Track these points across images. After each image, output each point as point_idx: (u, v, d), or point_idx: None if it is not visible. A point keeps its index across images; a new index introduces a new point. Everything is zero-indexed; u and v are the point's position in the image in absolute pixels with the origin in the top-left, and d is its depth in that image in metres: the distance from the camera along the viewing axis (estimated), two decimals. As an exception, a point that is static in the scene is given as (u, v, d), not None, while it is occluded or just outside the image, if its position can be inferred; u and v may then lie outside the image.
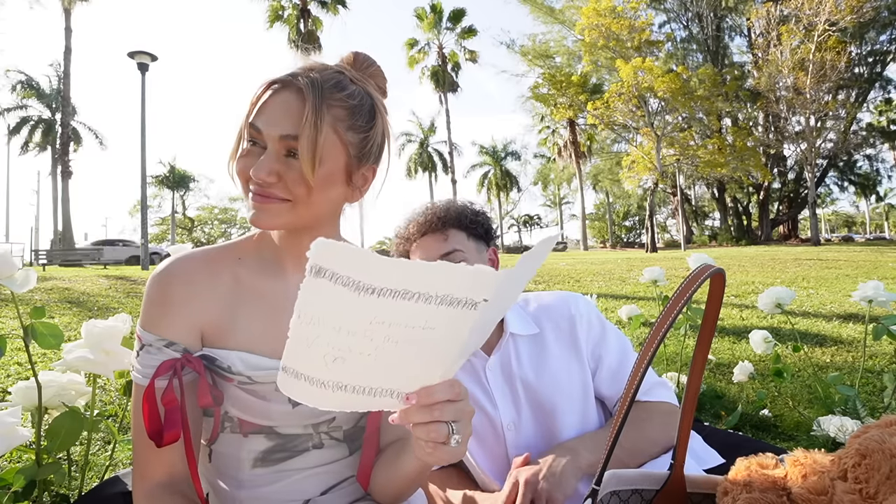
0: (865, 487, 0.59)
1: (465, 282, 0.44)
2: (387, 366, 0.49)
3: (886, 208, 56.85)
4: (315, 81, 0.68)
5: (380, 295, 0.43)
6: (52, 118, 26.87)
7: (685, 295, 0.69)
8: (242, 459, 0.80)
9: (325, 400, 0.51)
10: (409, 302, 0.44)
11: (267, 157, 0.67)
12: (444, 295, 0.44)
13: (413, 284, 0.43)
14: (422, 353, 0.49)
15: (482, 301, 0.45)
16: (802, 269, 9.37)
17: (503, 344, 1.16)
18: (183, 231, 39.42)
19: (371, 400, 0.52)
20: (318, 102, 0.67)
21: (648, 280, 2.48)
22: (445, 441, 0.53)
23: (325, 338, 0.46)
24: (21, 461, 1.66)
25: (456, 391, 0.53)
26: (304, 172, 0.67)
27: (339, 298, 0.43)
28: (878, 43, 25.07)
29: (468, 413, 0.55)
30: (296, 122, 0.67)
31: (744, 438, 1.60)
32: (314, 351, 0.47)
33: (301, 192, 0.69)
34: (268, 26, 23.65)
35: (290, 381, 0.49)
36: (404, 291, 0.43)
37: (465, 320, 0.46)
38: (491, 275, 0.43)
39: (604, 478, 0.73)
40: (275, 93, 0.69)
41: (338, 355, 0.47)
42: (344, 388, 0.50)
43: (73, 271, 11.79)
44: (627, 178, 23.72)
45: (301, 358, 0.48)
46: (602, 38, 22.35)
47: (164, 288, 0.74)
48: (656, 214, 37.29)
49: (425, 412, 0.52)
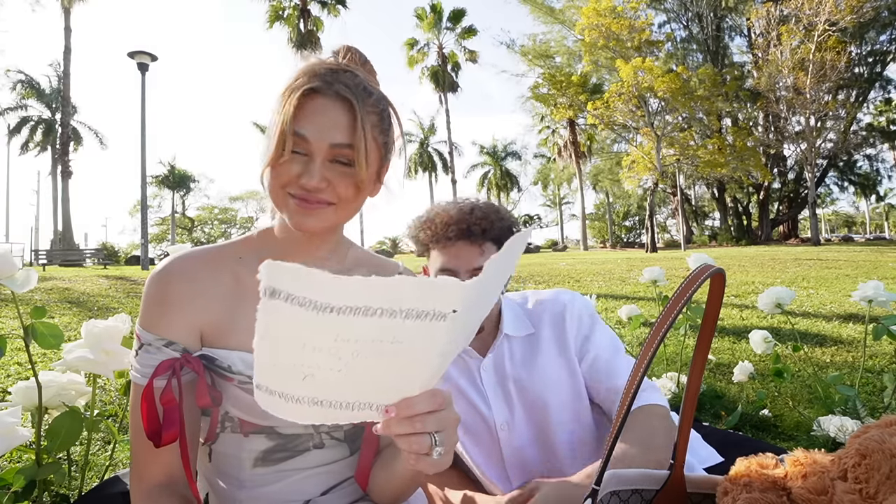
0: (865, 487, 0.59)
1: (430, 295, 0.42)
2: (359, 381, 0.47)
3: (886, 208, 56.86)
4: (354, 89, 0.70)
5: (339, 313, 0.41)
6: (52, 118, 26.87)
7: (685, 295, 0.69)
8: (243, 459, 0.80)
9: (303, 415, 0.49)
10: (372, 318, 0.42)
11: (317, 165, 0.69)
12: (408, 309, 0.42)
13: (374, 301, 0.41)
14: (395, 367, 0.47)
15: (451, 312, 0.43)
16: (802, 269, 9.37)
17: (497, 345, 1.16)
18: (183, 231, 39.41)
19: (350, 413, 0.50)
20: (362, 111, 0.69)
21: (648, 280, 2.48)
22: (428, 452, 0.52)
23: (290, 356, 0.45)
24: (21, 461, 1.66)
25: (438, 401, 0.52)
26: (355, 178, 0.71)
27: (298, 318, 0.42)
28: (878, 43, 25.08)
29: (452, 421, 0.54)
30: (346, 132, 0.69)
31: (743, 437, 1.60)
32: (282, 369, 0.46)
33: (347, 196, 0.72)
34: (268, 26, 23.66)
35: (266, 398, 0.48)
36: (365, 308, 0.41)
37: (437, 331, 0.44)
38: (457, 287, 0.42)
39: (604, 478, 0.73)
40: (314, 100, 0.69)
41: (307, 372, 0.46)
42: (320, 403, 0.48)
43: (73, 271, 11.79)
44: (627, 178, 23.73)
45: (271, 376, 0.47)
46: (602, 38, 22.35)
47: (164, 287, 0.73)
48: (656, 214, 37.29)
49: (406, 424, 0.51)
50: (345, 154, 0.70)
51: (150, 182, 33.78)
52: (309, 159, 0.69)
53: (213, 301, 0.75)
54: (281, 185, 0.70)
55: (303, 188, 0.69)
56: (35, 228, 37.42)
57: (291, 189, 0.70)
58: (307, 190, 0.69)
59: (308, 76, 0.70)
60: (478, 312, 0.49)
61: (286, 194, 0.71)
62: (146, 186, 15.05)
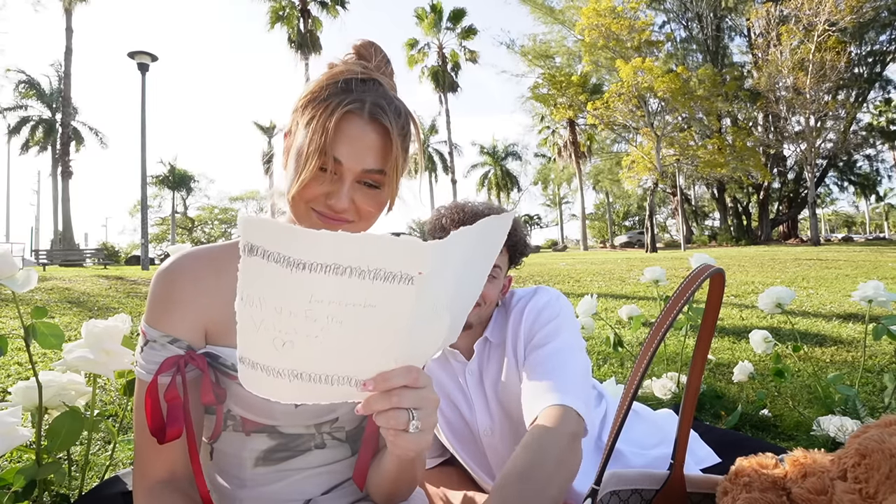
0: (865, 487, 0.59)
1: (396, 254, 0.43)
2: (336, 349, 0.48)
3: (886, 208, 56.84)
4: (387, 109, 0.70)
5: (312, 270, 0.43)
6: (52, 118, 26.87)
7: (685, 295, 0.69)
8: (244, 458, 0.80)
9: (284, 391, 0.50)
10: (342, 277, 0.43)
11: (347, 187, 0.69)
12: (376, 269, 0.43)
13: (343, 258, 0.43)
14: (369, 335, 0.48)
15: (417, 274, 0.44)
16: (802, 269, 9.37)
17: (478, 349, 1.15)
18: (183, 231, 39.39)
19: (330, 389, 0.51)
20: (396, 137, 0.70)
21: (649, 280, 2.48)
22: (405, 428, 0.53)
23: (269, 321, 0.46)
24: (21, 461, 1.66)
25: (413, 377, 0.53)
26: (379, 199, 0.72)
27: (275, 277, 0.43)
28: (877, 43, 25.06)
29: (431, 401, 0.55)
30: (379, 157, 0.70)
31: (742, 437, 1.60)
32: (262, 336, 0.47)
33: (369, 214, 0.73)
34: (269, 27, 23.66)
35: (249, 373, 0.49)
36: (335, 266, 0.43)
37: (405, 296, 0.45)
38: (420, 246, 0.43)
39: (603, 478, 0.73)
40: (349, 122, 0.68)
41: (286, 339, 0.47)
42: (300, 376, 0.49)
43: (73, 271, 11.79)
44: (627, 178, 23.71)
45: (252, 345, 0.48)
46: (602, 38, 22.33)
47: (170, 285, 0.74)
48: (656, 214, 37.29)
49: (384, 399, 0.52)
50: (374, 178, 0.71)
51: (150, 182, 33.81)
52: (338, 179, 0.69)
53: (217, 299, 0.75)
54: (305, 200, 0.70)
55: (330, 208, 0.70)
56: (35, 228, 37.45)
57: (316, 206, 0.70)
58: (334, 210, 0.70)
59: (341, 90, 0.69)
60: (445, 287, 0.49)
61: (309, 209, 0.71)
62: (146, 186, 15.05)
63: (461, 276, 0.51)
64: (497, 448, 1.13)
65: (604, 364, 3.20)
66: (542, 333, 1.05)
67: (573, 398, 0.89)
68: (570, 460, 0.81)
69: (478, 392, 1.14)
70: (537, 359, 1.01)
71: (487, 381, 1.13)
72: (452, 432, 1.18)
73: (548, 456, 0.78)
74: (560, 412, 0.86)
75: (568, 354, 1.00)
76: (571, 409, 0.87)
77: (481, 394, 1.14)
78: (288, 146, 0.75)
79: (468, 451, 1.18)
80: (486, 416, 1.13)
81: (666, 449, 1.17)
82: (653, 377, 2.46)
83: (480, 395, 1.14)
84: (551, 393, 0.91)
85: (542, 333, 1.05)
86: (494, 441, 1.12)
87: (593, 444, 1.16)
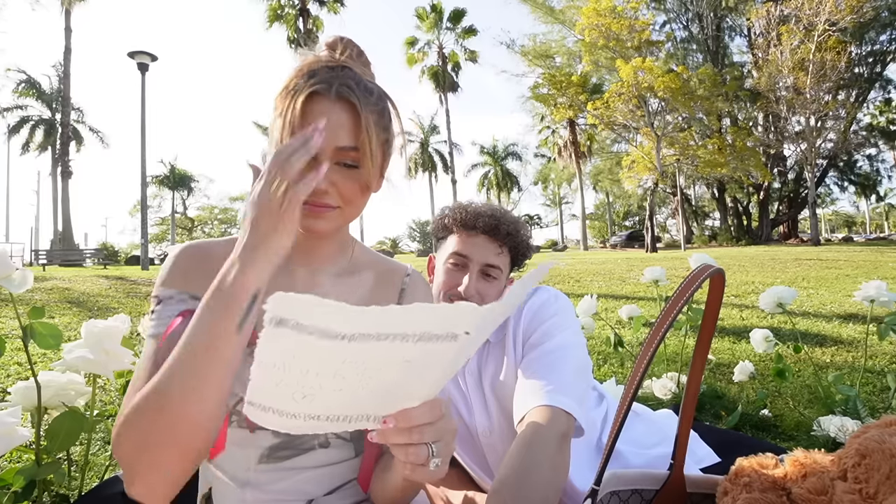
0: (865, 487, 0.59)
1: (446, 320, 0.41)
2: (361, 397, 0.47)
3: (886, 208, 56.83)
4: (355, 88, 0.69)
5: (351, 340, 0.40)
6: (52, 118, 26.87)
7: (685, 295, 0.69)
8: (249, 456, 0.80)
9: (298, 427, 0.49)
10: (384, 342, 0.41)
11: (324, 168, 0.67)
12: (422, 332, 0.41)
13: (389, 328, 0.40)
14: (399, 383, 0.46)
15: (463, 334, 0.43)
16: (802, 269, 9.37)
17: (478, 349, 1.14)
18: (183, 231, 39.40)
19: (347, 424, 0.50)
20: (365, 111, 0.69)
21: (650, 280, 2.48)
22: (425, 463, 0.52)
23: (291, 380, 0.44)
24: (21, 461, 1.66)
25: (436, 413, 0.51)
26: (360, 179, 0.71)
27: (306, 345, 0.40)
28: (878, 43, 25.04)
29: (450, 432, 0.54)
30: (351, 133, 0.69)
31: (742, 437, 1.60)
32: (281, 391, 0.45)
33: (353, 196, 0.72)
34: (267, 26, 23.65)
35: (258, 413, 0.47)
36: (378, 335, 0.41)
37: (447, 351, 0.44)
38: (472, 311, 0.41)
39: (603, 478, 0.73)
40: (316, 103, 0.68)
41: (307, 393, 0.45)
42: (317, 417, 0.48)
43: (73, 271, 11.79)
44: (627, 178, 23.71)
45: (267, 396, 0.46)
46: (602, 38, 22.32)
47: (188, 257, 0.74)
48: (656, 214, 37.28)
49: (404, 434, 0.51)
50: (350, 156, 0.70)
51: (150, 182, 33.81)
52: (314, 161, 0.69)
53: None
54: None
55: (312, 194, 0.68)
56: (35, 228, 37.46)
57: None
58: (316, 194, 0.69)
59: (307, 76, 0.70)
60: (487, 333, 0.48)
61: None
62: (146, 186, 15.05)
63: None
64: (496, 448, 1.12)
65: (604, 364, 3.20)
66: (538, 333, 1.05)
67: (563, 397, 0.88)
68: (560, 462, 0.80)
69: (476, 392, 1.13)
70: (531, 358, 1.00)
71: (486, 381, 1.12)
72: None
73: (538, 459, 0.78)
74: (548, 413, 0.85)
75: (562, 353, 0.99)
76: (559, 410, 0.86)
77: (480, 394, 1.13)
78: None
79: (467, 452, 1.17)
80: (484, 416, 1.13)
81: (666, 449, 1.16)
82: (653, 377, 2.46)
83: (479, 395, 1.13)
84: (540, 393, 0.90)
85: (538, 333, 1.05)
86: (493, 441, 1.12)
87: (594, 445, 1.15)
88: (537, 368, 0.97)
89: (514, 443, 0.82)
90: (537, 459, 0.77)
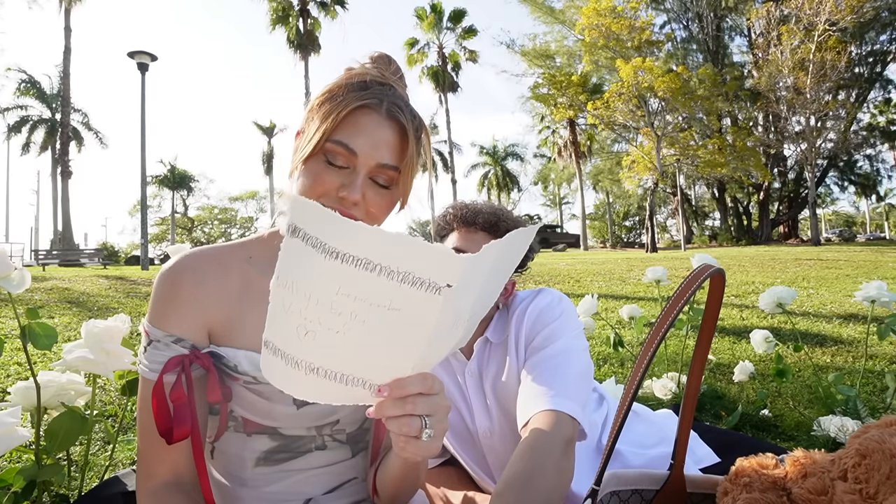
0: (865, 487, 0.59)
1: (428, 261, 0.43)
2: (355, 348, 0.48)
3: (886, 208, 56.81)
4: (405, 110, 0.71)
5: (343, 261, 0.43)
6: (52, 118, 26.87)
7: (685, 295, 0.69)
8: (245, 459, 0.80)
9: (298, 385, 0.51)
10: (371, 273, 0.44)
11: (361, 179, 0.69)
12: (406, 272, 0.43)
13: (374, 253, 0.43)
14: (389, 338, 0.48)
15: (445, 286, 0.44)
16: (802, 269, 9.37)
17: (478, 349, 1.14)
18: (183, 231, 39.38)
19: (343, 389, 0.51)
20: (413, 137, 0.71)
21: (651, 280, 2.48)
22: (417, 435, 0.53)
23: (297, 306, 0.47)
24: (21, 461, 1.66)
25: (429, 384, 0.53)
26: (389, 199, 0.73)
27: (309, 261, 0.44)
28: (878, 43, 25.04)
29: (443, 407, 0.55)
30: (395, 154, 0.71)
31: (742, 437, 1.60)
32: (289, 320, 0.47)
33: (380, 215, 0.73)
34: (270, 29, 23.66)
35: (269, 359, 0.50)
36: (366, 261, 0.43)
37: (430, 305, 0.45)
38: (454, 258, 0.43)
39: (603, 478, 0.73)
40: (366, 115, 0.69)
41: (309, 328, 0.47)
42: (316, 371, 0.50)
43: (73, 271, 11.79)
44: (627, 178, 23.71)
45: (278, 328, 0.48)
46: (602, 38, 22.32)
47: (173, 285, 0.73)
48: (656, 214, 37.26)
49: (398, 405, 0.52)
50: (388, 175, 0.71)
51: (150, 182, 33.77)
52: (352, 172, 0.69)
53: (221, 300, 0.75)
54: (317, 194, 0.70)
55: (342, 201, 0.69)
56: (35, 228, 37.47)
57: (327, 201, 0.70)
58: (345, 203, 0.69)
59: (357, 88, 0.70)
60: (472, 297, 0.49)
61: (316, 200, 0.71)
62: (146, 186, 15.05)
63: (483, 285, 0.51)
64: (496, 449, 1.12)
65: (604, 364, 3.20)
66: (541, 336, 1.04)
67: (567, 402, 0.88)
68: (565, 467, 0.80)
69: (477, 393, 1.13)
70: (535, 362, 1.00)
71: (487, 381, 1.12)
72: (452, 433, 1.17)
73: (543, 463, 0.77)
74: (553, 417, 0.85)
75: (565, 358, 0.99)
76: (564, 414, 0.86)
77: (480, 395, 1.13)
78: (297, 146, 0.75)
79: (467, 452, 1.17)
80: (484, 417, 1.12)
81: (665, 449, 1.16)
82: (653, 377, 2.46)
83: (479, 395, 1.13)
84: (545, 397, 0.90)
85: (541, 336, 1.04)
86: (494, 442, 1.12)
87: (594, 446, 1.15)
88: (541, 372, 0.96)
89: (519, 447, 0.82)
90: (542, 464, 0.77)
